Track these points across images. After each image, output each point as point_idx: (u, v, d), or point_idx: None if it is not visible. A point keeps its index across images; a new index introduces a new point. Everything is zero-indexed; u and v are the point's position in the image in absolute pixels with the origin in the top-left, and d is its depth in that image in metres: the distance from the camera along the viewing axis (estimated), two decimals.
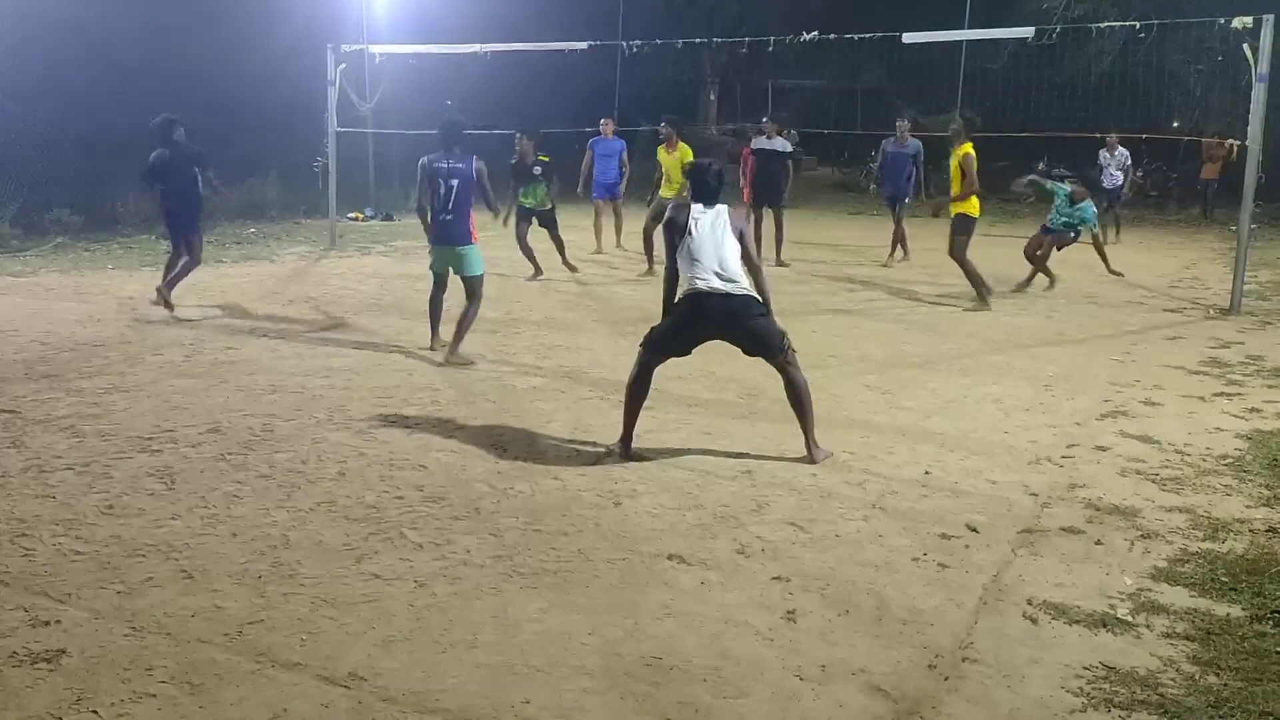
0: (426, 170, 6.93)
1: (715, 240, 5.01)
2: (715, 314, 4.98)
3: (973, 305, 9.49)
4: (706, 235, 5.01)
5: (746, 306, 4.97)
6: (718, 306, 4.95)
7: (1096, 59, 19.04)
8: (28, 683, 2.93)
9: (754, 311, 4.99)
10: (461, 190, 6.89)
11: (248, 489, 4.51)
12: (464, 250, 7.01)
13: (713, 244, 5.00)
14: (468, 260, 7.05)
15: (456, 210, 6.91)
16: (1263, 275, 11.84)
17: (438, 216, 6.95)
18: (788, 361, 5.04)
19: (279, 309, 8.85)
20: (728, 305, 4.95)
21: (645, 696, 2.93)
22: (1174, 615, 3.48)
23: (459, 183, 6.87)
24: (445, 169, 6.87)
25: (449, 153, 6.92)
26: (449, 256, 7.09)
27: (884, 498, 4.57)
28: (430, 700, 2.90)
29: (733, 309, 4.96)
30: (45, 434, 5.20)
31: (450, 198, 6.88)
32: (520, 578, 3.68)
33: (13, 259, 11.06)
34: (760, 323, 5.00)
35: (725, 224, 5.07)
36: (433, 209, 6.95)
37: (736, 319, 4.97)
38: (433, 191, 6.91)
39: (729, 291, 4.94)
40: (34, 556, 3.76)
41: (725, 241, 5.02)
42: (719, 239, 5.01)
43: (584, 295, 9.94)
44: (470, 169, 6.90)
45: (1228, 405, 6.25)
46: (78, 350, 7.06)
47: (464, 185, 6.89)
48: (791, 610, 3.48)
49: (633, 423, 5.14)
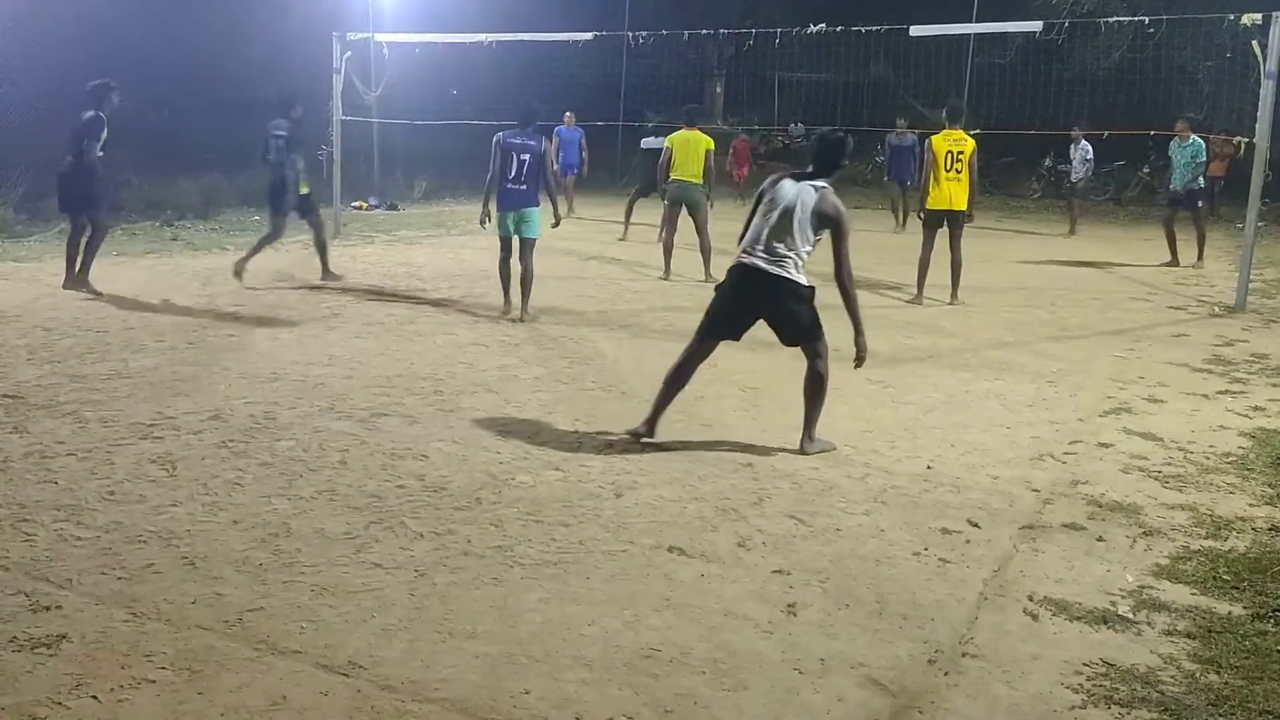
0: (502, 145, 7.86)
1: (782, 215, 4.80)
2: (753, 289, 4.85)
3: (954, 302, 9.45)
4: (773, 207, 4.83)
5: (788, 289, 4.84)
6: (756, 281, 4.83)
7: (1104, 54, 18.97)
8: (28, 667, 2.93)
9: (797, 295, 4.86)
10: (533, 164, 7.83)
11: (249, 477, 4.51)
12: (531, 211, 7.93)
13: (777, 218, 4.81)
14: (532, 221, 7.98)
15: (529, 180, 7.86)
16: (1268, 273, 11.81)
17: (509, 185, 7.87)
18: (818, 353, 4.99)
19: (281, 297, 8.84)
20: (765, 281, 4.82)
21: (644, 688, 2.93)
22: (1175, 613, 3.48)
23: (530, 157, 7.81)
24: (519, 144, 7.84)
25: (524, 131, 7.91)
26: (517, 218, 7.96)
27: (885, 492, 4.57)
28: (429, 689, 2.90)
29: (771, 286, 4.82)
30: (47, 419, 5.21)
31: (524, 170, 7.83)
32: (520, 568, 3.68)
33: (16, 244, 11.06)
34: (799, 309, 4.90)
35: (805, 204, 4.79)
36: (505, 179, 7.87)
37: (775, 298, 4.85)
38: (505, 164, 7.84)
39: (769, 270, 4.81)
40: (35, 542, 3.76)
41: (792, 222, 4.79)
42: (787, 216, 4.80)
43: (587, 286, 9.93)
44: (540, 146, 7.88)
45: (1231, 403, 6.24)
46: (80, 336, 7.06)
47: (535, 159, 7.83)
48: (791, 603, 3.47)
49: (663, 407, 5.06)
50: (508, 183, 7.89)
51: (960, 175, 9.12)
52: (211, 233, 12.76)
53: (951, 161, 9.09)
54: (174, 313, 7.98)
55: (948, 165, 9.10)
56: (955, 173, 9.10)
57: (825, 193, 4.84)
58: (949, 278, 9.37)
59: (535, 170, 7.86)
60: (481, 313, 8.38)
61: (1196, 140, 12.12)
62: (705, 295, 5.26)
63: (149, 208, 13.61)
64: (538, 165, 7.86)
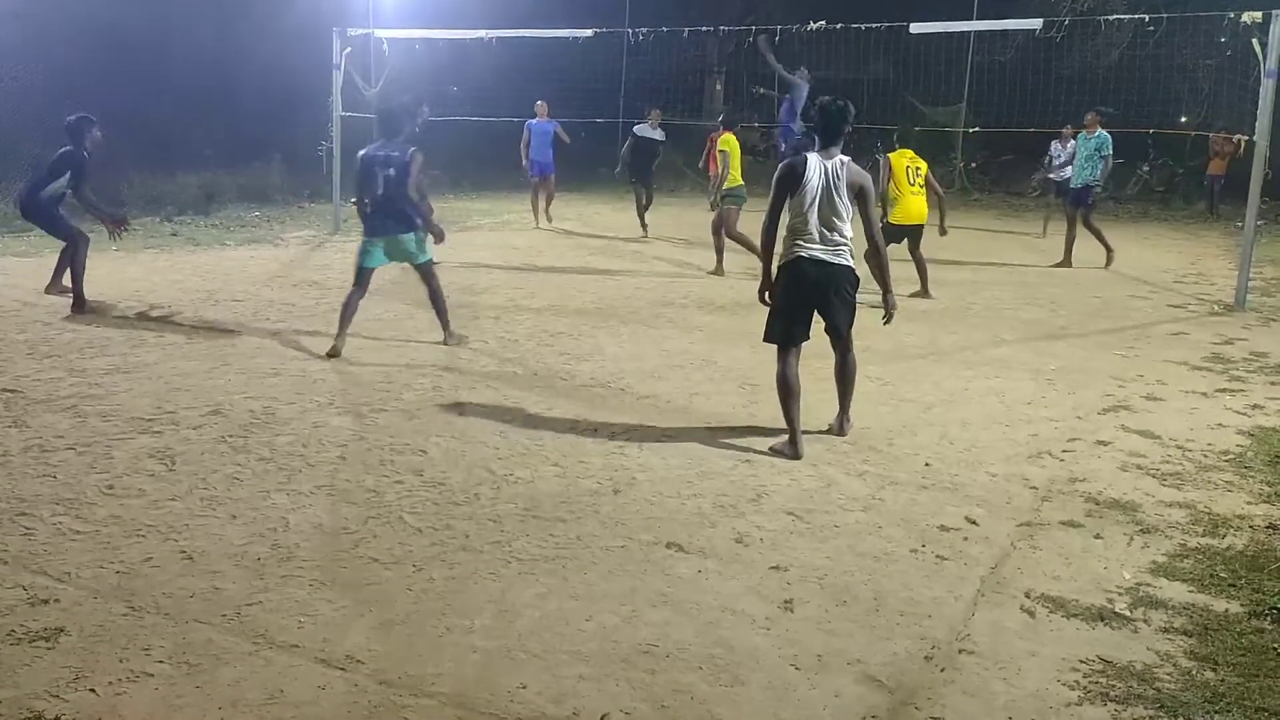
0: (364, 159, 6.63)
1: (824, 199, 4.76)
2: (815, 283, 4.83)
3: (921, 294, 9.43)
4: (811, 192, 4.76)
5: (848, 278, 4.89)
6: (818, 275, 4.80)
7: (1105, 52, 18.96)
8: (26, 660, 2.94)
9: (853, 282, 4.93)
10: (399, 179, 6.55)
11: (248, 471, 4.51)
12: (407, 238, 6.70)
13: (820, 203, 4.76)
14: (413, 249, 6.76)
15: (399, 199, 6.58)
16: (1268, 272, 11.80)
17: (375, 207, 6.62)
18: (850, 339, 5.12)
19: (282, 292, 8.85)
20: (827, 272, 4.81)
21: (641, 683, 2.94)
22: (1172, 610, 3.48)
23: (395, 172, 6.55)
24: (382, 157, 6.58)
25: (389, 141, 6.66)
26: (391, 247, 6.75)
27: (883, 489, 4.57)
28: (426, 684, 2.90)
29: (832, 277, 4.83)
30: (47, 414, 5.21)
31: (391, 187, 6.56)
32: (518, 563, 3.69)
33: (17, 239, 11.05)
34: (850, 299, 4.97)
35: (839, 180, 4.78)
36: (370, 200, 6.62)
37: (836, 289, 4.86)
38: (367, 181, 6.59)
39: (830, 260, 4.82)
40: (34, 535, 3.77)
41: (834, 204, 4.79)
42: (829, 198, 4.77)
43: (587, 282, 9.92)
44: (405, 157, 6.56)
45: (1230, 401, 6.24)
46: (80, 331, 7.06)
47: (401, 174, 6.55)
48: (789, 600, 3.48)
49: (796, 419, 4.92)
50: (373, 204, 6.62)
51: (921, 190, 9.29)
52: (212, 228, 12.75)
53: (913, 176, 9.26)
54: (173, 308, 7.98)
55: (910, 179, 9.23)
56: (918, 187, 9.27)
57: (849, 163, 4.88)
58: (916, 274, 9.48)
59: (403, 185, 6.56)
60: (485, 312, 8.38)
61: (1103, 134, 12.02)
62: (703, 292, 5.25)
63: (149, 203, 13.60)
64: (405, 180, 6.55)
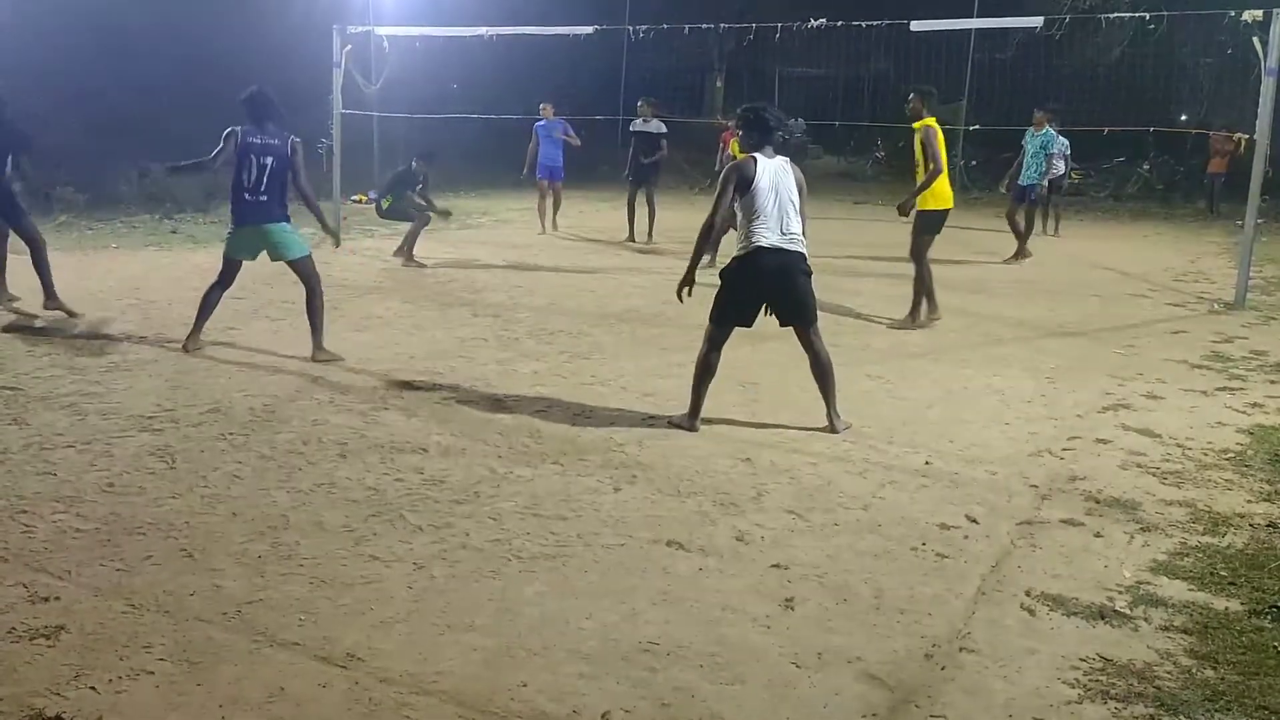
0: (239, 143, 6.28)
1: (783, 198, 5.04)
2: (772, 271, 5.04)
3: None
4: (771, 188, 5.03)
5: (803, 268, 5.10)
6: (775, 263, 5.02)
7: (1105, 50, 18.95)
8: (26, 658, 2.94)
9: (804, 269, 5.11)
10: (277, 169, 6.31)
11: (248, 469, 4.51)
12: (275, 229, 6.38)
13: (778, 201, 5.03)
14: (284, 241, 6.44)
15: (271, 190, 6.33)
16: (1268, 270, 11.79)
17: (247, 195, 6.32)
18: (817, 334, 5.22)
19: (281, 290, 8.83)
20: (784, 261, 5.03)
21: (642, 681, 2.94)
22: (1172, 608, 3.48)
23: (273, 160, 6.30)
24: (259, 144, 6.29)
25: (261, 128, 6.35)
26: (259, 237, 6.43)
27: (883, 487, 4.57)
28: (427, 682, 2.90)
29: (787, 265, 5.04)
30: (47, 411, 5.21)
31: (265, 176, 6.27)
32: (519, 561, 3.69)
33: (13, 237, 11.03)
34: (806, 284, 5.13)
35: (791, 180, 5.09)
36: (242, 187, 6.32)
37: (790, 277, 5.05)
38: (242, 167, 6.28)
39: (786, 248, 5.03)
40: (34, 533, 3.77)
41: (791, 201, 5.07)
42: (788, 197, 5.05)
43: (587, 280, 9.93)
44: (286, 147, 6.36)
45: (1230, 400, 6.24)
46: (80, 328, 7.05)
47: (281, 164, 6.33)
48: (789, 598, 3.48)
49: (702, 397, 5.23)
50: (245, 193, 6.29)
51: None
52: (211, 226, 12.74)
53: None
54: (173, 305, 7.98)
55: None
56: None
57: (789, 162, 5.20)
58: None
59: (282, 177, 6.34)
60: (485, 310, 8.38)
61: (1049, 132, 12.04)
62: (703, 291, 5.25)
63: (149, 200, 13.60)
64: (284, 172, 6.33)
